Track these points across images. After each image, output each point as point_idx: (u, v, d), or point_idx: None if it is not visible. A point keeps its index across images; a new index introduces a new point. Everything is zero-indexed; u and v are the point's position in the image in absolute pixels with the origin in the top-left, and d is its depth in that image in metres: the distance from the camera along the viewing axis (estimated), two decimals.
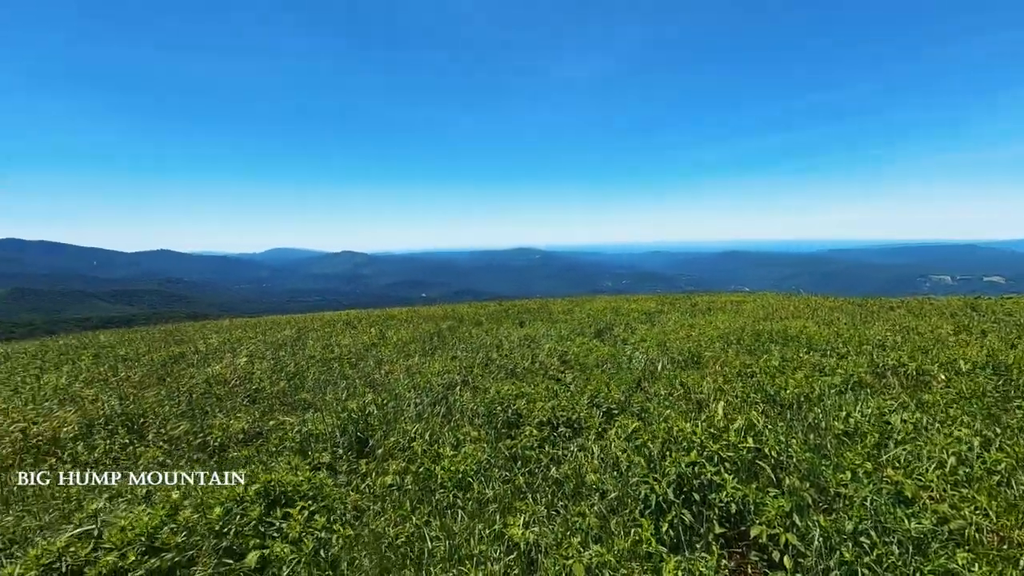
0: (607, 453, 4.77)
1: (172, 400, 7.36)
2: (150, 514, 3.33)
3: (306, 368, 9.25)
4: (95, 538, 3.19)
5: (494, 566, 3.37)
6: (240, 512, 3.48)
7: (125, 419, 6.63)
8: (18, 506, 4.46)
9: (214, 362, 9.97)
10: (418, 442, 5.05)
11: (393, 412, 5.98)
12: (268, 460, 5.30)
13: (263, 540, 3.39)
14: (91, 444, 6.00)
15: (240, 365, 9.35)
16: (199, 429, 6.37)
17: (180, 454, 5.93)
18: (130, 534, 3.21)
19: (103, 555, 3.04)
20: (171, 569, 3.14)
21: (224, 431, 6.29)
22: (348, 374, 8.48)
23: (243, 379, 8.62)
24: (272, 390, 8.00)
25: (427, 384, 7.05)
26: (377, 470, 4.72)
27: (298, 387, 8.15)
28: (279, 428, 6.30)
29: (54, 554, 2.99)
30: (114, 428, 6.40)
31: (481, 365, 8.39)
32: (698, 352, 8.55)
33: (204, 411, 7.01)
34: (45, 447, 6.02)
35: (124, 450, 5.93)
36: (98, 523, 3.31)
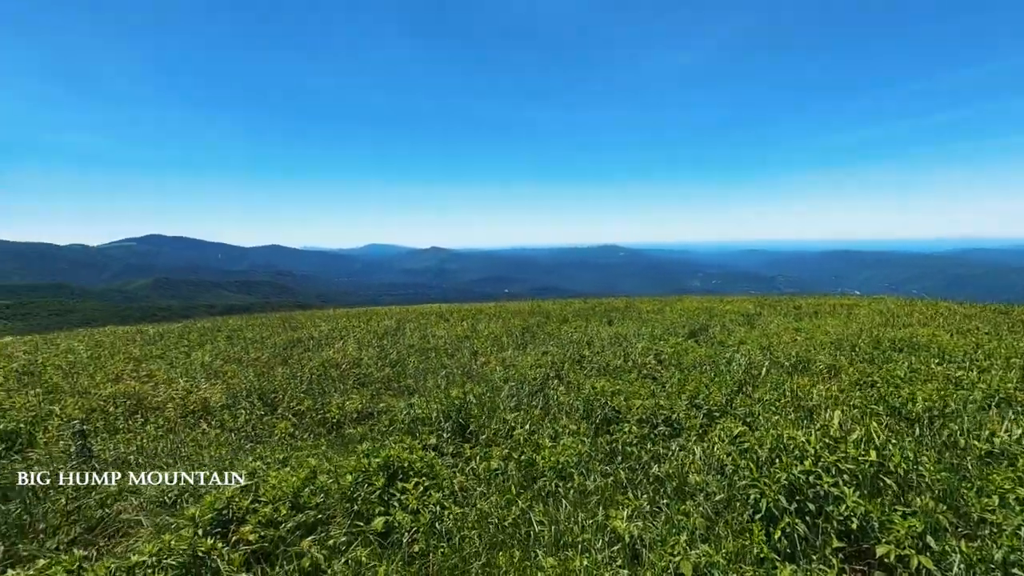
0: (709, 455, 4.67)
1: (295, 379, 8.23)
2: (295, 476, 3.81)
3: (407, 356, 9.89)
4: (253, 492, 3.73)
5: (598, 555, 3.46)
6: (367, 482, 3.87)
7: (260, 393, 7.54)
8: (185, 462, 5.27)
9: (326, 348, 10.96)
10: (518, 431, 5.26)
11: (492, 401, 6.25)
12: (380, 438, 5.79)
13: (387, 508, 3.75)
14: (235, 413, 6.89)
15: (349, 351, 10.20)
16: (319, 406, 7.08)
17: (305, 427, 6.65)
18: (279, 491, 3.70)
19: (261, 507, 3.55)
20: (313, 525, 3.59)
21: (340, 409, 6.94)
22: (446, 364, 8.96)
23: (352, 364, 9.41)
24: (378, 375, 8.66)
25: (522, 377, 7.27)
26: (480, 455, 4.98)
27: (400, 374, 8.75)
28: (388, 410, 6.83)
29: (223, 502, 3.54)
30: (252, 401, 7.30)
31: (573, 361, 8.48)
32: (807, 357, 8.00)
33: (322, 391, 7.76)
34: (200, 412, 7.02)
35: (261, 420, 6.75)
36: (255, 480, 3.85)
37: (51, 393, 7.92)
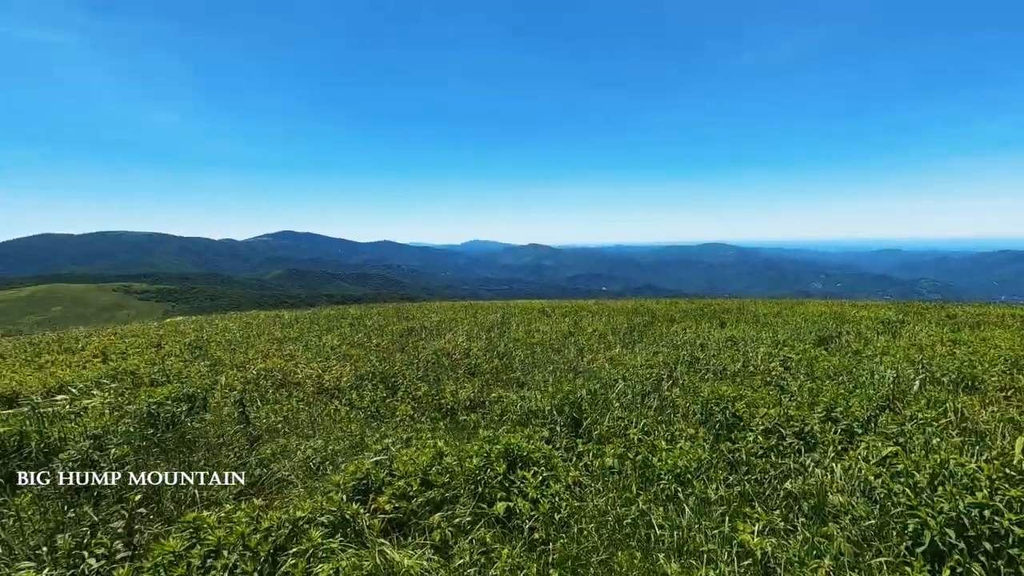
0: (852, 475, 4.21)
1: (412, 366, 8.80)
2: (423, 455, 4.08)
3: (513, 350, 10.12)
4: (388, 466, 4.05)
5: (725, 567, 3.28)
6: (489, 467, 4.03)
7: (382, 377, 8.17)
8: (323, 433, 5.86)
9: (438, 338, 11.57)
10: (633, 431, 5.15)
11: (603, 399, 6.19)
12: (494, 427, 5.99)
13: (508, 494, 3.87)
14: (361, 394, 7.54)
15: (459, 343, 10.68)
16: (435, 393, 7.50)
17: (422, 411, 7.08)
18: (410, 468, 3.99)
19: (395, 480, 3.85)
20: (440, 502, 3.82)
21: (454, 397, 7.29)
22: (553, 359, 9.02)
23: (463, 355, 9.84)
24: (487, 367, 8.97)
25: (632, 376, 7.11)
26: (594, 451, 4.96)
27: (508, 366, 8.98)
28: (499, 400, 7.05)
29: (363, 472, 3.90)
30: (376, 383, 7.93)
31: (686, 363, 8.11)
32: (972, 374, 6.90)
33: (436, 378, 8.21)
34: (332, 391, 7.78)
35: (384, 401, 7.32)
36: (389, 455, 4.19)
37: (215, 365, 9.25)
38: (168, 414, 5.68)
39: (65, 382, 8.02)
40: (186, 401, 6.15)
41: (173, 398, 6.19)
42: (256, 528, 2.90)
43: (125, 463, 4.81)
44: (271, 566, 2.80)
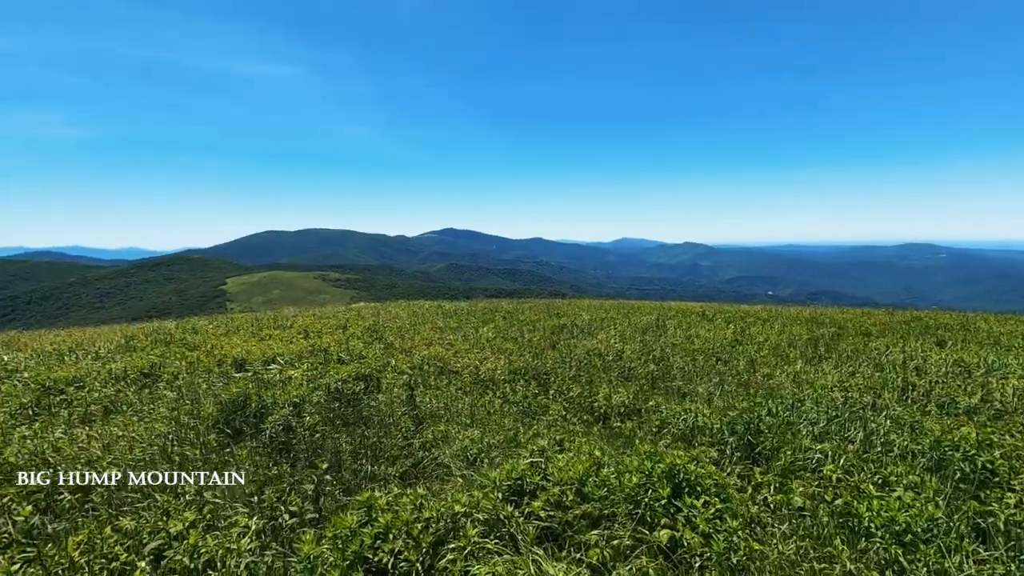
0: None
1: (564, 364, 8.66)
2: (580, 463, 3.85)
3: (671, 355, 9.38)
4: (543, 470, 3.92)
5: None
6: (650, 487, 3.64)
7: (535, 373, 8.18)
8: (480, 424, 6.00)
9: (589, 337, 11.29)
10: (828, 467, 4.27)
11: (786, 422, 5.30)
12: (651, 439, 5.52)
13: (672, 522, 3.44)
14: (514, 388, 7.62)
15: (612, 343, 10.26)
16: (588, 395, 7.24)
17: (574, 412, 6.88)
18: (566, 474, 3.78)
19: (550, 487, 3.69)
20: (597, 519, 3.55)
21: (607, 401, 6.94)
22: (720, 370, 8.13)
23: (615, 356, 9.42)
24: (642, 371, 8.43)
25: (825, 399, 5.99)
26: (775, 484, 4.22)
27: (666, 373, 8.32)
28: (656, 410, 6.52)
29: (518, 473, 3.81)
30: (528, 379, 7.97)
31: (895, 389, 6.61)
32: None
33: (589, 380, 7.94)
34: (488, 382, 8.01)
35: (535, 398, 7.29)
36: (545, 458, 4.05)
37: (388, 349, 10.23)
38: (349, 391, 6.34)
39: (277, 354, 9.57)
40: (363, 380, 6.81)
41: (353, 377, 6.91)
42: (418, 517, 2.96)
43: (315, 431, 5.46)
44: (431, 557, 2.82)
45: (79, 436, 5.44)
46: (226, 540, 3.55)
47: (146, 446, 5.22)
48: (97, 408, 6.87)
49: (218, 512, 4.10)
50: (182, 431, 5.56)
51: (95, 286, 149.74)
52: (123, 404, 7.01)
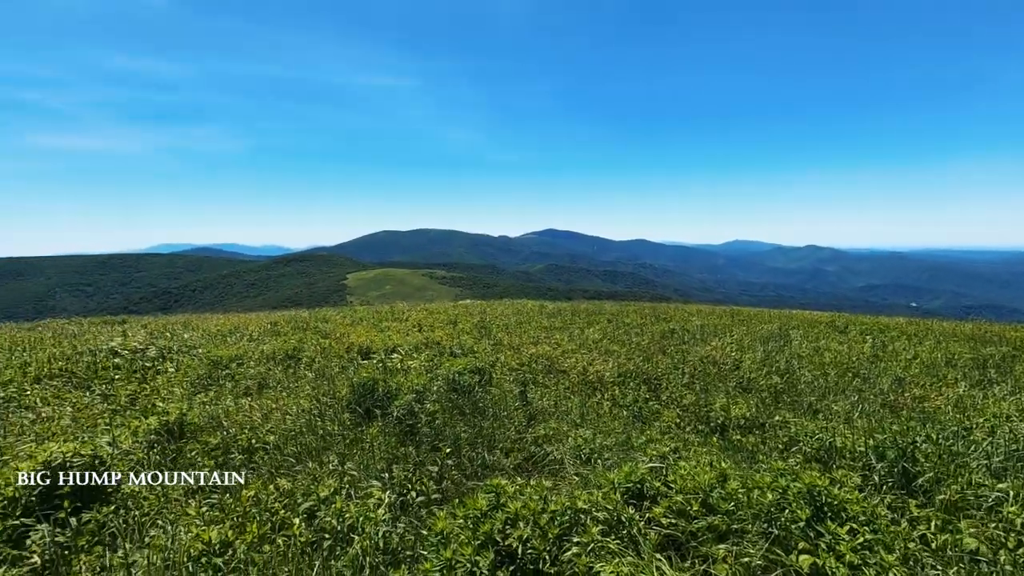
0: None
1: (677, 371, 8.32)
2: (705, 474, 3.68)
3: (797, 368, 8.60)
4: (663, 476, 3.81)
5: None
6: (786, 507, 3.38)
7: (645, 378, 7.96)
8: (591, 425, 5.98)
9: (702, 343, 10.72)
10: (1011, 508, 3.65)
11: (948, 451, 4.61)
12: (779, 457, 5.11)
13: (813, 548, 3.16)
14: (624, 391, 7.48)
15: (728, 351, 9.65)
16: (703, 404, 6.89)
17: (688, 421, 6.58)
18: (689, 483, 3.64)
19: (672, 494, 3.58)
20: (724, 533, 3.37)
21: (725, 412, 6.55)
22: (859, 387, 7.30)
23: (732, 365, 8.84)
24: (764, 383, 7.83)
25: (1001, 429, 5.11)
26: (938, 520, 3.70)
27: (792, 387, 7.65)
28: (783, 425, 6.03)
29: (638, 476, 3.75)
30: (638, 383, 7.78)
31: None
32: None
33: (704, 388, 7.55)
34: (595, 383, 7.95)
35: (647, 403, 7.09)
36: (666, 464, 3.94)
37: (497, 345, 10.57)
38: (465, 383, 6.65)
39: (397, 345, 10.33)
40: (478, 374, 7.11)
41: (468, 370, 7.24)
42: (544, 508, 3.04)
43: (436, 417, 5.81)
44: (557, 549, 2.88)
45: (243, 405, 6.32)
46: (364, 508, 3.92)
47: (295, 418, 5.93)
48: (253, 383, 7.92)
49: (354, 483, 4.54)
50: (322, 408, 6.23)
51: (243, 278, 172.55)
52: (273, 381, 8.00)
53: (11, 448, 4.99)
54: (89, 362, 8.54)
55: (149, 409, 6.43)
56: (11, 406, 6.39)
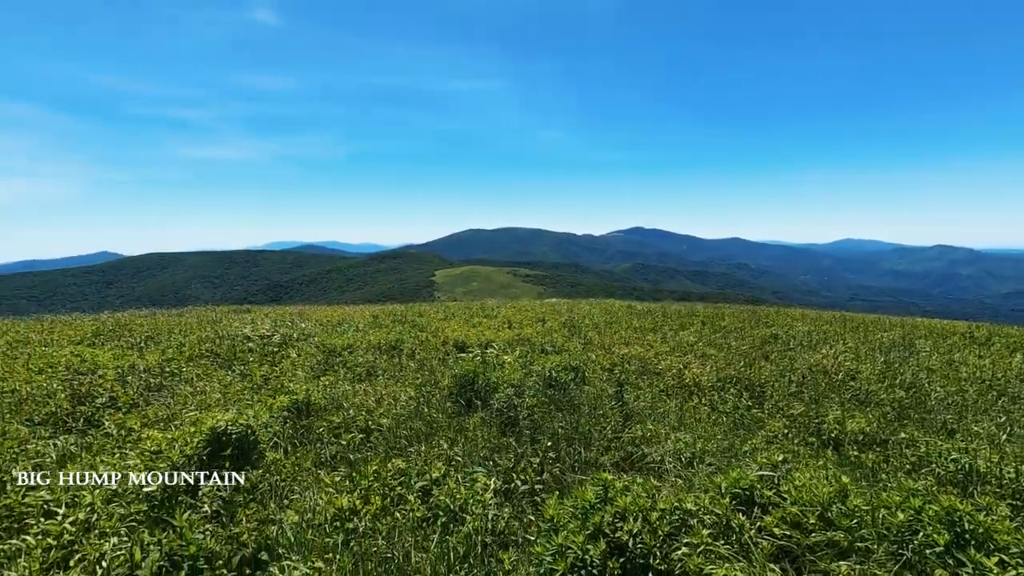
0: None
1: (783, 378, 7.85)
2: (824, 487, 3.51)
3: (926, 382, 7.75)
4: (775, 485, 3.68)
5: None
6: (920, 530, 3.13)
7: (747, 384, 7.60)
8: (690, 429, 5.86)
9: (809, 351, 9.98)
10: None
11: None
12: (903, 476, 4.69)
13: (953, 575, 2.91)
14: (723, 397, 7.21)
15: (842, 360, 8.91)
16: (813, 415, 6.46)
17: (796, 432, 6.21)
18: (805, 495, 3.49)
19: (786, 505, 3.45)
20: (845, 550, 3.20)
21: (839, 425, 6.10)
22: (1004, 407, 6.45)
23: (847, 376, 8.17)
24: (885, 397, 7.16)
25: None
26: None
27: (919, 403, 6.93)
28: (911, 443, 5.50)
29: (747, 483, 3.65)
30: (739, 389, 7.45)
31: None
32: None
33: (814, 399, 7.07)
34: (691, 387, 7.73)
35: (748, 411, 6.79)
36: (778, 473, 3.80)
37: (587, 345, 10.59)
38: (561, 380, 6.79)
39: (490, 340, 10.71)
40: (572, 371, 7.21)
41: (562, 367, 7.37)
42: (653, 506, 3.08)
43: (533, 411, 6.00)
44: (667, 546, 2.92)
45: (359, 390, 6.95)
46: (472, 492, 4.19)
47: (403, 404, 6.42)
48: (362, 370, 8.63)
49: (460, 468, 4.85)
50: (427, 396, 6.67)
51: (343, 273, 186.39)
52: (380, 369, 8.67)
53: (181, 414, 5.91)
54: (229, 345, 9.79)
55: (279, 389, 7.27)
56: (175, 380, 7.53)
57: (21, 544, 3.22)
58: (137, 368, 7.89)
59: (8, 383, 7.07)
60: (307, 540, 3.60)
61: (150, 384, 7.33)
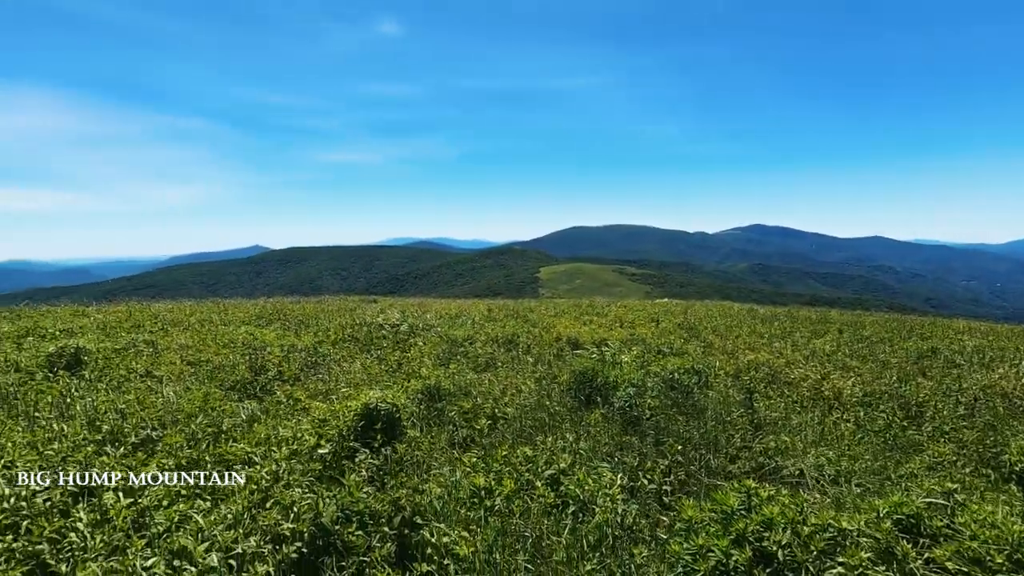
0: None
1: (946, 398, 6.90)
2: (1011, 524, 3.08)
3: None
4: (948, 515, 3.30)
5: None
6: None
7: (901, 401, 6.80)
8: (831, 447, 5.41)
9: (982, 369, 8.61)
10: None
11: None
12: None
13: None
14: (872, 415, 6.51)
15: None
16: (990, 442, 5.61)
17: (967, 460, 5.44)
18: (986, 532, 3.09)
19: (964, 539, 3.09)
20: None
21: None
22: None
23: None
24: None
25: None
26: None
27: None
28: None
29: (912, 509, 3.32)
30: (891, 407, 6.68)
31: None
32: None
33: (991, 425, 6.12)
34: (831, 401, 7.08)
35: (903, 431, 6.07)
36: (952, 503, 3.40)
37: (708, 347, 10.14)
38: (684, 382, 6.62)
39: (603, 338, 10.70)
40: (696, 375, 6.99)
41: (684, 370, 7.17)
42: (804, 520, 2.95)
43: (656, 412, 5.94)
44: (820, 564, 2.78)
45: (484, 379, 7.38)
46: (600, 485, 4.29)
47: (525, 395, 6.70)
48: (482, 361, 9.11)
49: (584, 461, 4.97)
50: (548, 390, 6.89)
51: (453, 268, 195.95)
52: (499, 361, 9.09)
53: (336, 390, 6.76)
54: (366, 332, 10.88)
55: (411, 373, 7.96)
56: (326, 359, 8.58)
57: (233, 485, 3.96)
58: (296, 347, 9.11)
59: (204, 354, 8.57)
60: (450, 511, 3.96)
61: (307, 362, 8.43)
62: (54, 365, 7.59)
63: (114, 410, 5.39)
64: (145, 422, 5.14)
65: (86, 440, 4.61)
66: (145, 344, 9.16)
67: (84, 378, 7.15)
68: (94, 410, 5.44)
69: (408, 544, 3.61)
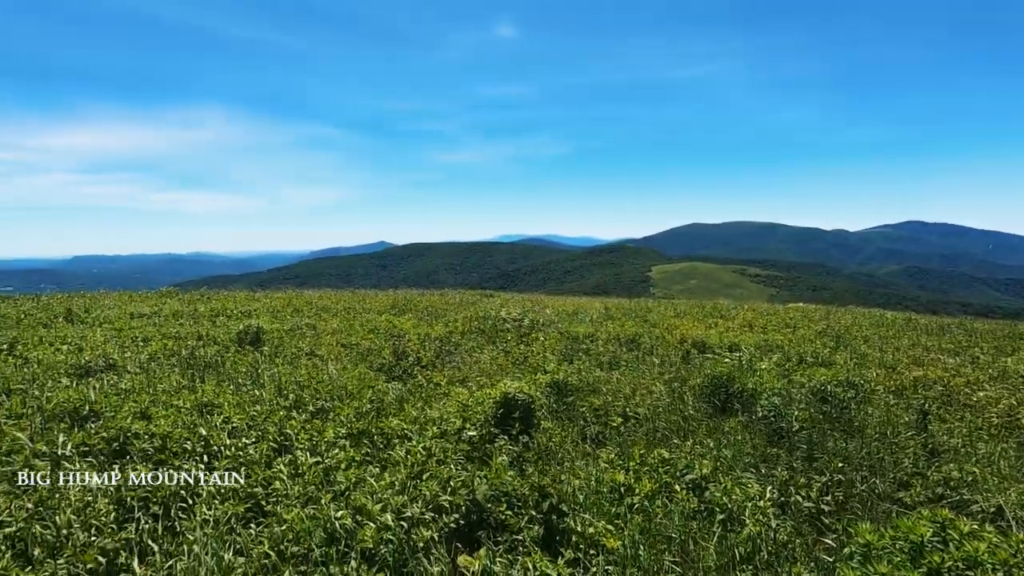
0: None
1: None
2: None
3: None
4: None
5: None
6: None
7: None
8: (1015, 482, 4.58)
9: None
10: None
11: None
12: None
13: None
14: None
15: None
16: None
17: None
18: None
19: None
20: None
21: None
22: None
23: None
24: None
25: None
26: None
27: None
28: None
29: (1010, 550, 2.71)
30: None
31: None
32: None
33: None
34: None
35: None
36: None
37: (862, 359, 9.07)
38: (838, 395, 6.02)
39: (734, 343, 10.07)
40: (852, 388, 6.32)
41: (836, 382, 6.51)
42: (1020, 563, 2.56)
43: (806, 425, 5.49)
44: None
45: (611, 377, 7.37)
46: (746, 495, 4.09)
47: (656, 397, 6.57)
48: (605, 359, 9.07)
49: (725, 470, 4.75)
50: (681, 393, 6.69)
51: (561, 265, 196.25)
52: (621, 360, 8.99)
53: (471, 378, 7.20)
54: (491, 325, 11.40)
55: (537, 367, 8.18)
56: (459, 349, 9.16)
57: (397, 456, 4.43)
58: (430, 336, 9.84)
59: (353, 338, 9.61)
60: (591, 504, 4.05)
61: (440, 350, 9.07)
62: (242, 341, 9.04)
63: (294, 382, 6.30)
64: (319, 394, 5.93)
65: (278, 405, 5.45)
66: (307, 327, 10.51)
67: (264, 353, 8.41)
68: (279, 380, 6.39)
69: (554, 530, 3.76)
